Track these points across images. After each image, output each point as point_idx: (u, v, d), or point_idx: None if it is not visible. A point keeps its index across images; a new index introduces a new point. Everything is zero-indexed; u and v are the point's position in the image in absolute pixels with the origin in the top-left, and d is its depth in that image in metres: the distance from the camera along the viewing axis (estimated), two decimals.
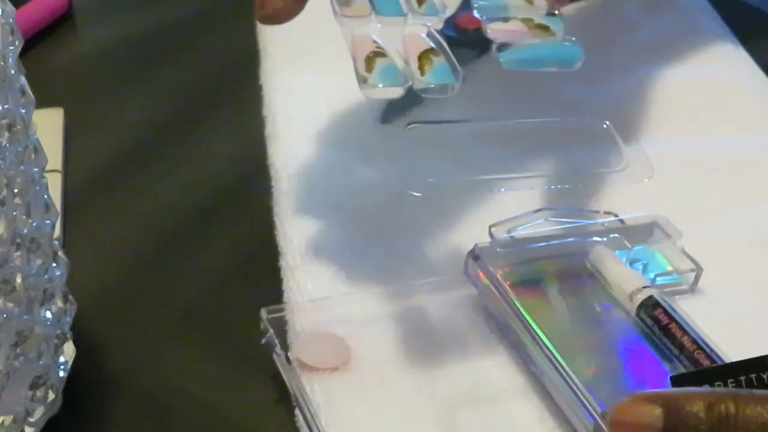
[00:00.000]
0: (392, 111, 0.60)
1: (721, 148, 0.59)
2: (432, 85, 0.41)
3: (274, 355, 0.45)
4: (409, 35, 0.42)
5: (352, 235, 0.52)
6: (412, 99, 0.61)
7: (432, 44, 0.41)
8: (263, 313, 0.47)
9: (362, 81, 0.40)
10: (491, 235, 0.49)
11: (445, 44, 0.42)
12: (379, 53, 0.41)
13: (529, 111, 0.61)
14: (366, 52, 0.41)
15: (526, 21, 0.44)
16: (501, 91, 0.61)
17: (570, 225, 0.50)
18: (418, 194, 0.48)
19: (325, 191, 0.55)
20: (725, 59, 0.67)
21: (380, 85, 0.41)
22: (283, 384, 0.45)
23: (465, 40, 0.65)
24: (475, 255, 0.48)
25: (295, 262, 0.50)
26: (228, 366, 0.47)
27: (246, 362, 0.47)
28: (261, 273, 0.51)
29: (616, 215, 0.50)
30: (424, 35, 0.42)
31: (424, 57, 0.41)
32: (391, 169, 0.56)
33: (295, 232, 0.52)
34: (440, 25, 0.43)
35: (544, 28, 0.44)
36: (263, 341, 0.46)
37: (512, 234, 0.49)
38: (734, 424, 0.34)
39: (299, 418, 0.44)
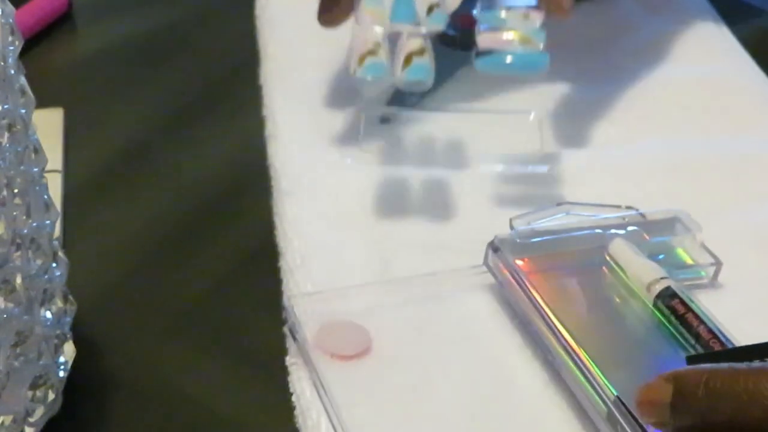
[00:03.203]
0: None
1: (721, 148, 0.59)
2: (408, 80, 0.49)
3: (295, 343, 0.45)
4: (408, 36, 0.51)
5: (353, 235, 0.52)
6: (409, 99, 0.61)
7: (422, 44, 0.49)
8: (286, 300, 0.47)
9: (352, 72, 0.50)
10: (512, 226, 0.49)
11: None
12: (372, 52, 0.49)
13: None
14: (362, 51, 0.50)
15: (514, 32, 0.50)
16: (501, 90, 0.61)
17: (591, 218, 0.50)
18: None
19: (325, 191, 0.55)
20: (725, 59, 0.67)
21: (368, 77, 0.50)
22: (283, 383, 0.45)
23: (465, 38, 0.65)
24: (495, 246, 0.48)
25: (295, 262, 0.50)
26: (228, 366, 0.47)
27: (246, 362, 0.47)
28: (261, 273, 0.51)
29: (636, 209, 0.50)
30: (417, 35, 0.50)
31: (408, 57, 0.49)
32: (391, 165, 0.56)
33: (295, 232, 0.52)
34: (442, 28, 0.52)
35: (527, 40, 0.50)
36: (285, 328, 0.46)
37: (532, 226, 0.49)
38: (726, 397, 0.35)
39: (299, 417, 0.44)
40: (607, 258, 0.49)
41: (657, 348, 0.45)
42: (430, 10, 0.51)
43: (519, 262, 0.47)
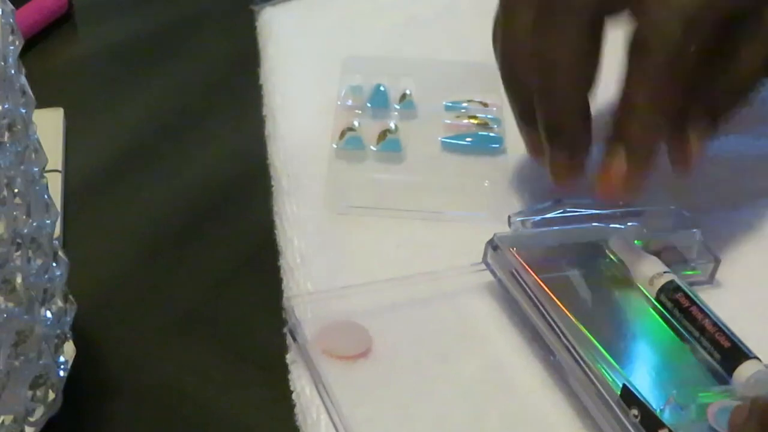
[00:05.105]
0: None
1: (720, 148, 0.59)
2: (379, 152, 0.56)
3: (295, 344, 0.46)
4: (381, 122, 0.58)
5: (353, 235, 0.52)
6: None
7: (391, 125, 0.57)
8: (286, 301, 0.47)
9: (333, 143, 0.56)
10: (510, 224, 0.49)
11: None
12: (351, 128, 0.57)
13: None
14: (342, 127, 0.57)
15: (473, 117, 0.59)
16: None
17: (590, 214, 0.50)
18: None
19: (324, 190, 0.55)
20: None
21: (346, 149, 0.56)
22: (283, 382, 0.45)
23: None
24: (494, 244, 0.48)
25: (295, 262, 0.50)
26: (228, 366, 0.47)
27: (246, 362, 0.47)
28: (261, 272, 0.52)
29: (634, 206, 0.50)
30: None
31: (383, 133, 0.57)
32: (390, 163, 0.56)
33: (295, 232, 0.52)
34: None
35: (485, 124, 0.58)
36: (285, 329, 0.46)
37: (531, 223, 0.49)
38: None
39: (299, 416, 0.44)
40: (608, 252, 0.49)
41: (661, 342, 0.45)
42: (402, 98, 0.59)
43: (518, 260, 0.47)
